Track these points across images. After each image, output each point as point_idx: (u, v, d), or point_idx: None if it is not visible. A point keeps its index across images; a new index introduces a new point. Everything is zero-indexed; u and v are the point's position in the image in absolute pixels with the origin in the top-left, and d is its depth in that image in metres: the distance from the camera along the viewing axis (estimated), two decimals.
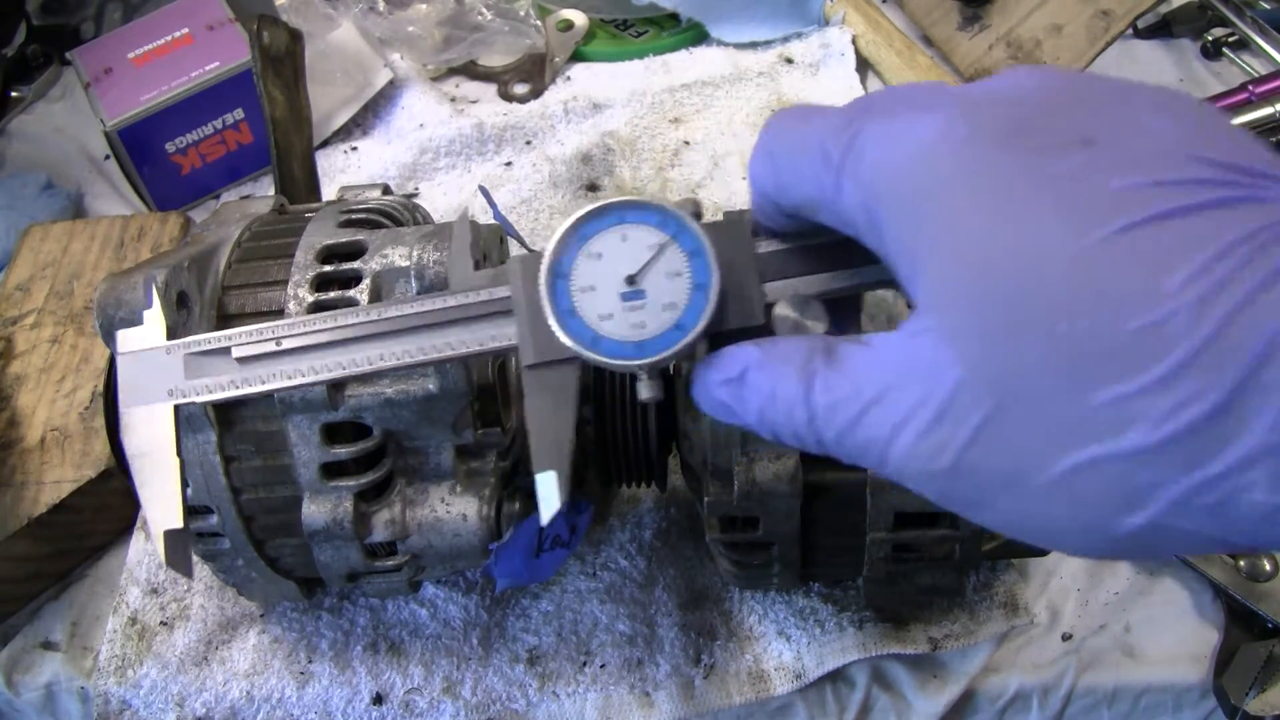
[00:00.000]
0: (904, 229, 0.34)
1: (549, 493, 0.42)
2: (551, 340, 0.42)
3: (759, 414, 0.39)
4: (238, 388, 0.47)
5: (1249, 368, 0.27)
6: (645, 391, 0.44)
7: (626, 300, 0.42)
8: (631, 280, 0.42)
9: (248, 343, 0.47)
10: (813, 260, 0.43)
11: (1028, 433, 0.31)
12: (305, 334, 0.47)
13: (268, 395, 0.57)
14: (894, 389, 0.34)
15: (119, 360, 0.49)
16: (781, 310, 0.43)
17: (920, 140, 0.33)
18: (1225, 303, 0.28)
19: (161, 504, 0.47)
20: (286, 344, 0.46)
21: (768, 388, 0.38)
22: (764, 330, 0.43)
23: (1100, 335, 0.29)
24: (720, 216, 0.45)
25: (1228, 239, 0.28)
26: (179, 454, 0.47)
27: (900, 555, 0.60)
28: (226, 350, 0.47)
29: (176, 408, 0.48)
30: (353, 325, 0.46)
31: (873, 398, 0.35)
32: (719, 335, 0.42)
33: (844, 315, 0.44)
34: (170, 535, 0.47)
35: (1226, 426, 0.28)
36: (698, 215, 0.44)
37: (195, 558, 0.70)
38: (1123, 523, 0.30)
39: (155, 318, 0.49)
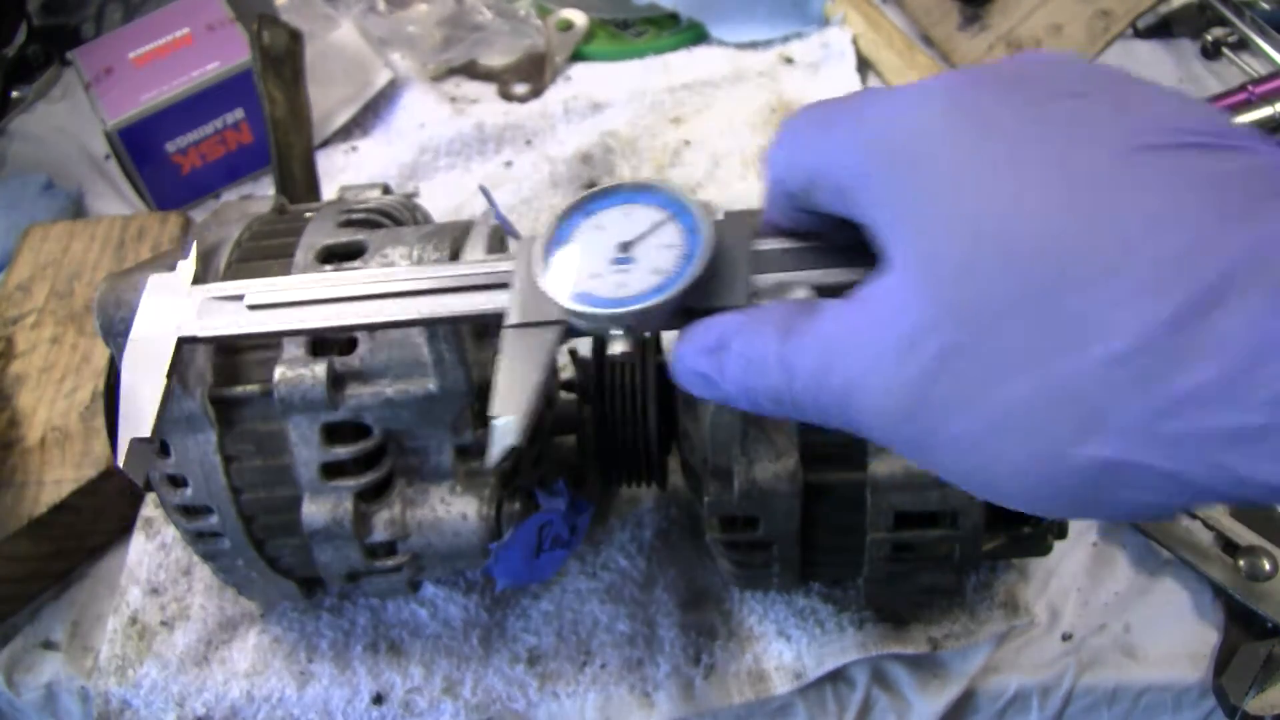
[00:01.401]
0: (890, 181, 0.33)
1: (504, 436, 0.43)
2: (537, 300, 0.43)
3: (739, 382, 0.37)
4: (240, 328, 0.50)
5: (1214, 287, 0.27)
6: (616, 345, 0.43)
7: (616, 264, 0.42)
8: (625, 247, 0.43)
9: (260, 291, 0.50)
10: (812, 258, 0.43)
11: (986, 355, 0.30)
12: (312, 287, 0.50)
13: (267, 391, 0.57)
14: (862, 336, 0.33)
15: (144, 295, 0.52)
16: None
17: (912, 95, 0.34)
18: (1208, 220, 0.28)
19: (136, 413, 0.49)
20: (292, 295, 0.50)
21: (749, 351, 0.37)
22: None
23: (1078, 252, 0.28)
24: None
25: (1218, 170, 0.29)
26: (168, 383, 0.50)
27: (900, 555, 0.60)
28: (239, 298, 0.51)
29: (180, 340, 0.51)
30: (357, 284, 0.49)
31: (840, 348, 0.34)
32: (701, 315, 0.42)
33: None
34: (134, 443, 0.49)
35: (1191, 342, 0.27)
36: (709, 212, 0.45)
37: (195, 558, 0.70)
38: (1077, 452, 0.29)
39: (187, 268, 0.54)
